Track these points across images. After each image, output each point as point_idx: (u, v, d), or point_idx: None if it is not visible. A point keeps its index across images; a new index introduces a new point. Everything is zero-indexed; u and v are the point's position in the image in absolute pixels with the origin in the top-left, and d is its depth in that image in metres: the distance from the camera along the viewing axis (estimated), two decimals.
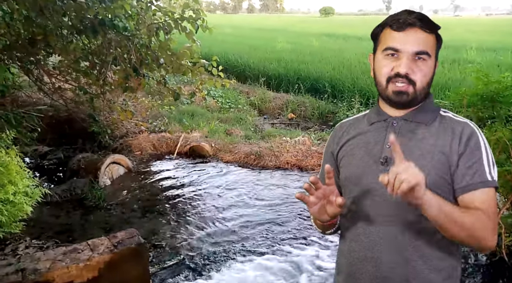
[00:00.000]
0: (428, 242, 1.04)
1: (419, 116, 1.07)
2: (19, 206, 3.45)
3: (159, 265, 3.54)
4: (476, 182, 0.99)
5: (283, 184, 5.50)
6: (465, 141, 1.02)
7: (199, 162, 6.29)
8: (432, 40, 1.05)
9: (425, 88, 1.05)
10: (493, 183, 1.00)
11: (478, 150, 1.01)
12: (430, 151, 1.03)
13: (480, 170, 1.00)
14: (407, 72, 1.01)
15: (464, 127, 1.04)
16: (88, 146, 6.17)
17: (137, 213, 4.55)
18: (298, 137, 6.95)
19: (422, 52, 1.02)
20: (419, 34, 1.02)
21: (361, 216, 1.10)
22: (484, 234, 0.94)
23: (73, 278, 2.87)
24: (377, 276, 1.06)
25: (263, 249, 3.81)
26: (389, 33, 1.05)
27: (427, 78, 1.04)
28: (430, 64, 1.04)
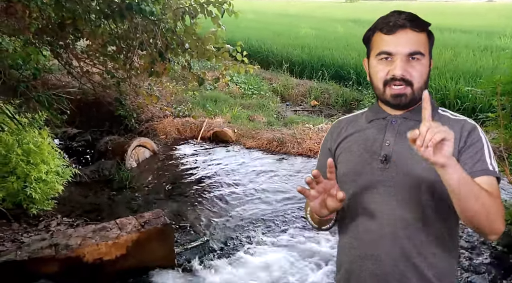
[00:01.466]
0: (427, 240, 1.04)
1: (418, 115, 1.05)
2: (51, 184, 3.59)
3: (184, 245, 3.62)
4: (478, 170, 1.00)
5: (305, 171, 5.49)
6: (466, 136, 1.03)
7: (222, 147, 6.35)
8: (424, 39, 1.05)
9: (423, 87, 1.06)
10: (494, 173, 1.01)
11: (479, 142, 1.03)
12: None
13: (482, 159, 1.01)
14: (403, 74, 1.02)
15: (464, 124, 1.06)
16: (115, 129, 6.31)
17: (162, 195, 4.66)
18: (321, 125, 6.89)
19: (415, 52, 1.02)
20: (410, 34, 1.02)
21: (360, 213, 1.10)
22: (497, 216, 0.93)
23: (102, 255, 2.99)
24: (377, 273, 1.06)
25: (285, 235, 3.84)
26: (380, 37, 1.05)
27: (423, 77, 1.05)
28: (425, 63, 1.05)
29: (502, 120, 3.43)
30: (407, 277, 1.04)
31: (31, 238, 3.02)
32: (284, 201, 4.54)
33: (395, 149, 1.07)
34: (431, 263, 1.04)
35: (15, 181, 3.37)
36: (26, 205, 3.52)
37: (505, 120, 3.47)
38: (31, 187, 3.39)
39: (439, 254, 1.04)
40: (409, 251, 1.03)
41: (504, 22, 16.01)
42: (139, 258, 3.14)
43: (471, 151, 1.02)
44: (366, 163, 1.09)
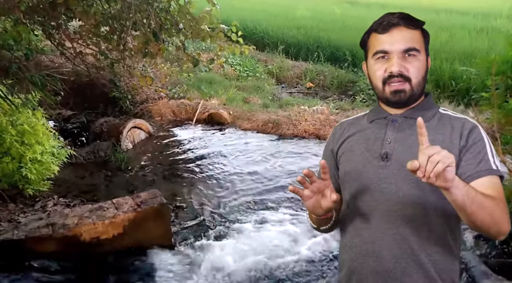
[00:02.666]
0: (429, 237, 1.05)
1: (418, 113, 1.07)
2: (46, 165, 3.59)
3: (181, 225, 3.67)
4: (482, 170, 1.00)
5: (300, 152, 5.52)
6: (467, 135, 1.04)
7: (217, 129, 6.34)
8: (418, 36, 1.07)
9: (421, 83, 1.07)
10: (498, 172, 1.01)
11: (481, 141, 1.03)
12: None
13: (485, 159, 1.01)
14: (400, 70, 1.04)
15: (465, 122, 1.07)
16: (110, 111, 6.27)
17: (159, 176, 4.68)
18: (316, 106, 6.89)
19: (410, 48, 1.04)
20: (404, 32, 1.04)
21: (362, 211, 1.11)
22: (502, 219, 0.95)
23: (99, 234, 3.02)
24: (379, 271, 1.07)
25: (280, 214, 3.89)
26: (376, 37, 1.08)
27: (421, 73, 1.06)
28: (421, 59, 1.07)
29: (495, 100, 3.44)
30: (409, 274, 1.04)
31: (27, 217, 3.04)
32: (279, 182, 4.58)
33: (395, 147, 1.08)
34: (433, 260, 1.04)
35: (10, 162, 3.36)
36: (22, 185, 3.53)
37: (498, 100, 3.48)
38: (26, 168, 3.39)
39: (441, 252, 1.05)
40: (411, 248, 1.04)
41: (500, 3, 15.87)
42: (136, 237, 3.17)
43: (474, 150, 1.02)
44: (367, 161, 1.10)
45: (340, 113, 6.73)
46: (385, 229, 1.06)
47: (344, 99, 7.64)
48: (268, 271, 3.08)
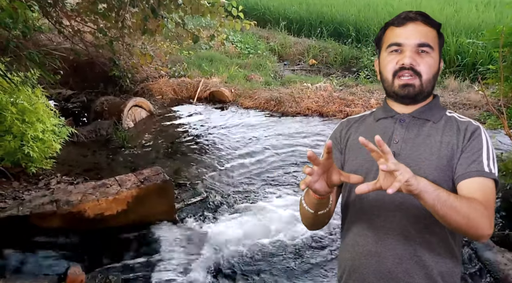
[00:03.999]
0: (432, 239, 1.04)
1: (426, 114, 1.08)
2: (48, 143, 3.57)
3: (184, 201, 3.67)
4: (472, 171, 0.99)
5: (303, 130, 5.49)
6: (468, 136, 1.04)
7: (219, 107, 6.30)
8: (434, 35, 1.07)
9: (431, 81, 1.06)
10: (490, 175, 0.99)
11: (478, 144, 1.03)
12: (436, 147, 1.04)
13: (478, 160, 1.00)
14: (412, 63, 1.03)
15: (468, 125, 1.07)
16: (110, 90, 6.22)
17: (161, 154, 4.67)
18: (319, 83, 6.81)
19: (424, 44, 1.04)
20: (420, 27, 1.04)
21: (367, 211, 1.10)
22: (480, 222, 0.93)
23: (103, 210, 3.03)
24: (381, 271, 1.06)
25: (284, 192, 3.89)
26: (391, 30, 1.08)
27: (432, 70, 1.05)
28: (434, 57, 1.06)
29: (502, 72, 3.37)
30: (411, 275, 1.04)
31: (31, 194, 3.05)
32: (282, 160, 4.57)
33: (403, 147, 1.07)
34: (435, 262, 1.04)
35: (12, 140, 3.35)
36: (25, 164, 3.53)
37: (505, 72, 3.41)
38: (28, 146, 3.38)
39: (443, 254, 1.05)
40: (414, 249, 1.04)
41: None
42: (140, 214, 3.19)
43: (469, 151, 1.02)
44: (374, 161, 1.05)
45: (344, 89, 6.65)
46: (389, 230, 1.06)
47: (348, 76, 7.54)
48: (271, 247, 3.10)
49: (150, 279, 2.69)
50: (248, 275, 2.82)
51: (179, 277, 2.76)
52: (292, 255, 3.04)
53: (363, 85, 6.79)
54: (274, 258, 3.00)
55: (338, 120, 5.86)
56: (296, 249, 3.09)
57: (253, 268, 2.88)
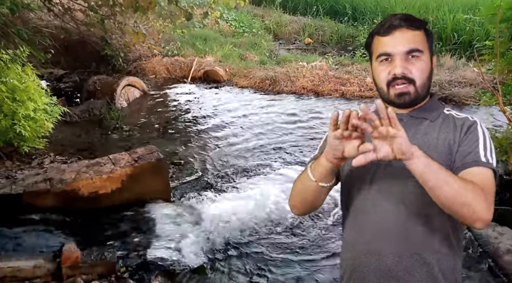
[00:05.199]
0: (432, 236, 1.04)
1: (424, 113, 1.09)
2: (40, 122, 3.53)
3: (179, 180, 3.67)
4: (469, 161, 1.00)
5: (298, 109, 5.46)
6: (465, 130, 1.05)
7: (213, 86, 6.24)
8: (421, 36, 1.07)
9: (426, 84, 1.07)
10: (487, 164, 0.99)
11: (475, 136, 1.04)
12: (434, 144, 1.05)
13: (474, 151, 1.01)
14: (403, 72, 1.04)
15: (465, 120, 1.08)
16: (102, 70, 6.13)
17: (155, 134, 4.64)
18: (315, 62, 6.75)
19: (412, 49, 1.04)
20: (406, 33, 1.04)
21: (365, 209, 1.10)
22: (477, 203, 0.91)
23: (97, 189, 3.02)
24: (381, 269, 1.06)
25: (279, 170, 3.88)
26: (378, 40, 1.09)
27: (425, 74, 1.06)
28: (425, 59, 1.06)
29: (499, 48, 3.34)
30: (411, 273, 1.04)
31: (24, 173, 3.03)
32: (276, 138, 4.56)
33: None
34: (436, 259, 1.04)
35: (3, 119, 3.30)
36: (17, 143, 3.49)
37: (502, 48, 3.38)
38: (20, 125, 3.34)
39: (444, 251, 1.05)
40: (414, 247, 1.04)
41: None
42: (134, 192, 3.18)
43: (466, 144, 1.03)
44: None
45: (340, 68, 6.60)
46: (388, 228, 1.06)
47: (344, 55, 7.47)
48: (266, 224, 3.12)
49: (146, 255, 2.70)
50: (243, 251, 2.84)
51: (175, 254, 2.78)
52: (287, 231, 3.06)
53: (359, 64, 6.74)
54: (269, 234, 3.02)
55: (333, 99, 5.84)
56: (291, 225, 3.11)
57: (248, 245, 2.90)
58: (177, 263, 2.69)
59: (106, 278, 2.47)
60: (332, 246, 2.87)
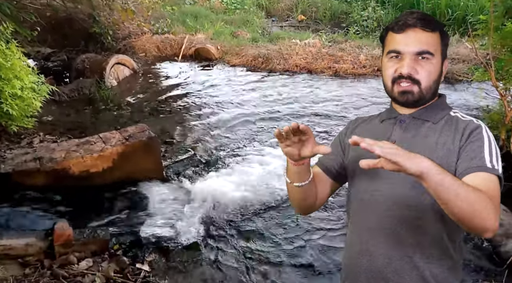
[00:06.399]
0: (424, 239, 1.03)
1: (426, 114, 1.07)
2: (28, 101, 3.46)
3: (171, 159, 3.65)
4: (473, 166, 0.96)
5: (291, 86, 5.41)
6: (467, 135, 1.02)
7: (205, 65, 6.14)
8: (435, 39, 1.04)
9: (432, 87, 1.06)
10: (493, 170, 0.95)
11: (479, 141, 1.00)
12: (432, 148, 1.03)
13: (479, 157, 0.97)
14: (410, 73, 1.03)
15: (469, 123, 1.04)
16: (91, 48, 5.99)
17: (146, 113, 4.58)
18: (308, 39, 6.66)
19: (423, 51, 1.03)
20: (419, 34, 1.03)
21: (362, 210, 1.11)
22: (487, 213, 0.89)
23: (88, 167, 2.99)
24: (372, 270, 1.07)
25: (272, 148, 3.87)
26: (391, 36, 1.08)
27: (432, 77, 1.05)
28: (435, 63, 1.04)
29: (492, 23, 3.30)
30: (401, 275, 1.04)
31: (13, 152, 2.98)
32: (267, 116, 4.53)
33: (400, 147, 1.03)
34: (427, 263, 1.03)
35: None
36: (5, 122, 3.43)
37: (496, 23, 3.35)
38: (7, 104, 3.27)
39: (437, 255, 1.03)
40: (404, 250, 1.03)
41: None
42: (126, 171, 3.16)
43: (469, 148, 0.99)
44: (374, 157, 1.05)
45: (333, 46, 6.52)
46: (381, 229, 1.07)
47: (337, 32, 7.38)
48: (258, 202, 3.12)
49: (139, 233, 2.71)
50: (236, 228, 2.86)
51: (168, 231, 2.79)
52: (280, 209, 3.07)
53: (353, 41, 6.67)
54: (262, 212, 3.03)
55: (327, 76, 5.79)
56: (284, 203, 3.12)
57: (241, 222, 2.92)
58: (171, 240, 2.70)
59: (100, 256, 2.47)
60: (326, 224, 2.89)
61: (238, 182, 3.34)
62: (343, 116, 4.51)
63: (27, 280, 2.19)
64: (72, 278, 2.25)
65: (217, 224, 2.88)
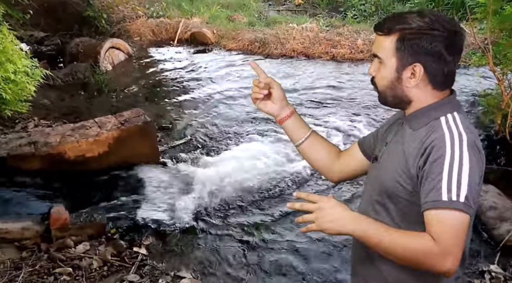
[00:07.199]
0: None
1: (411, 120, 1.04)
2: (21, 85, 3.42)
3: (168, 144, 3.64)
4: (429, 201, 0.90)
5: (288, 71, 5.38)
6: (427, 154, 0.93)
7: (201, 49, 6.08)
8: (389, 43, 0.99)
9: (387, 92, 1.04)
10: (450, 204, 0.87)
11: (438, 166, 0.90)
12: (399, 156, 1.01)
13: (436, 188, 0.89)
14: (372, 74, 1.06)
15: (436, 138, 0.94)
16: (85, 32, 5.89)
17: (141, 97, 4.55)
18: (305, 24, 6.58)
19: (375, 55, 1.04)
20: (377, 37, 1.03)
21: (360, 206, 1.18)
22: (428, 261, 0.88)
23: (84, 152, 2.97)
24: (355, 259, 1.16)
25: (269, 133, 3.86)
26: None
27: (383, 82, 1.03)
28: (387, 68, 1.01)
29: (491, 6, 3.27)
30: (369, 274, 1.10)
31: (8, 137, 2.96)
32: None
33: (385, 151, 1.08)
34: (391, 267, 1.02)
35: None
36: None
37: (494, 6, 3.31)
38: (0, 88, 3.22)
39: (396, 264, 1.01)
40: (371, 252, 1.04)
41: None
42: (122, 156, 3.14)
43: (429, 176, 0.92)
44: (373, 161, 1.14)
45: (330, 30, 6.46)
46: None
47: (335, 16, 7.30)
48: (255, 186, 3.12)
49: (136, 217, 2.71)
50: (233, 213, 2.87)
51: (165, 215, 2.80)
52: (277, 194, 3.08)
53: (350, 25, 6.60)
54: (259, 197, 3.04)
55: (324, 61, 5.75)
56: (282, 187, 3.13)
57: (238, 207, 2.93)
58: (168, 224, 2.71)
59: (96, 239, 2.48)
60: None
61: (235, 167, 3.33)
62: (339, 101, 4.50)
63: (24, 263, 2.20)
64: (69, 261, 2.26)
65: (214, 209, 2.89)
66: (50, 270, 2.18)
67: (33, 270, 2.17)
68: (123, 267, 2.28)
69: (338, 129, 3.93)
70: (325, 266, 2.40)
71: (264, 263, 2.42)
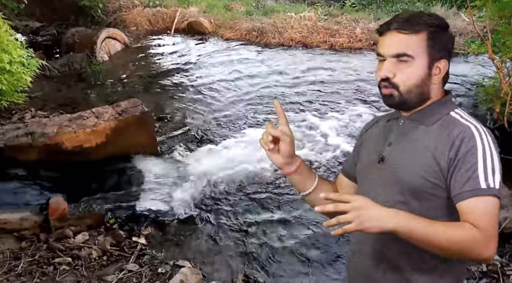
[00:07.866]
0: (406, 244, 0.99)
1: (421, 117, 1.04)
2: (17, 75, 3.39)
3: (166, 134, 3.63)
4: (467, 190, 0.93)
5: (287, 61, 5.34)
6: (458, 146, 0.96)
7: (198, 38, 6.02)
8: (416, 40, 1.00)
9: (413, 90, 1.02)
10: (488, 191, 0.92)
11: (472, 156, 0.94)
12: (420, 153, 1.00)
13: (473, 177, 0.93)
14: (387, 76, 1.02)
15: (462, 131, 0.98)
16: (81, 22, 5.84)
17: (139, 88, 4.52)
18: (303, 13, 6.53)
19: (400, 54, 1.00)
20: (397, 36, 1.01)
21: None
22: (472, 249, 0.90)
23: (82, 142, 2.96)
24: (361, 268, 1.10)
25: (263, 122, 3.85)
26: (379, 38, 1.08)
27: (412, 81, 1.01)
28: (416, 65, 1.00)
29: None
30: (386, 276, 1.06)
31: (4, 127, 2.94)
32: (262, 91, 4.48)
33: (393, 150, 1.06)
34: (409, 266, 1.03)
35: None
36: None
37: None
38: None
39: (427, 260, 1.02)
40: (386, 252, 1.04)
41: None
42: (120, 146, 3.13)
43: (463, 167, 0.94)
44: (371, 163, 1.10)
45: (329, 19, 6.41)
46: None
47: (333, 5, 7.25)
48: (253, 177, 3.13)
49: (135, 207, 2.72)
50: (231, 203, 2.88)
51: (164, 205, 2.81)
52: (275, 184, 3.08)
53: (349, 14, 6.55)
54: (257, 187, 3.04)
55: (322, 50, 5.71)
56: (279, 179, 3.13)
57: (236, 197, 2.93)
58: (166, 214, 2.72)
59: (95, 229, 2.49)
60: None
61: (234, 157, 3.34)
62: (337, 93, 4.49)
63: (24, 253, 2.21)
64: (69, 251, 2.27)
65: (212, 199, 2.90)
66: (49, 260, 2.20)
67: (32, 260, 2.18)
68: (122, 257, 2.30)
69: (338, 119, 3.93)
70: (324, 254, 2.42)
71: (262, 252, 2.43)
